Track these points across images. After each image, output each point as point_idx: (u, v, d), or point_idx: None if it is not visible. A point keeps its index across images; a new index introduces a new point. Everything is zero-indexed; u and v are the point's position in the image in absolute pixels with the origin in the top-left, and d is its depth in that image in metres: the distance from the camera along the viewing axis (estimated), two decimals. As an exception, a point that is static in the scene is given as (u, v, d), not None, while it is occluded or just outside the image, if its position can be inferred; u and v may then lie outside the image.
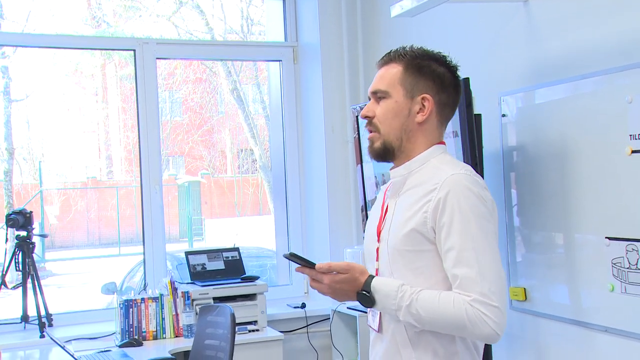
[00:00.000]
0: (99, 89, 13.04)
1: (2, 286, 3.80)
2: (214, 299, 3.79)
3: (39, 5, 8.82)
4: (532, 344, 3.02)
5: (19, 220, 3.84)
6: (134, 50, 4.21)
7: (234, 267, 4.07)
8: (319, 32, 4.31)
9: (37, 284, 3.81)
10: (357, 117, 3.71)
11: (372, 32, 4.25)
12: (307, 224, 4.54)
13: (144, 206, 4.19)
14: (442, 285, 1.79)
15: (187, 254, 4.10)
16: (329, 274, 1.83)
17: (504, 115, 3.08)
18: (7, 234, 4.20)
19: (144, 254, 4.22)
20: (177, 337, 3.79)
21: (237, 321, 3.39)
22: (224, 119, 13.20)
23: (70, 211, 12.81)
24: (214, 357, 3.29)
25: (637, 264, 2.45)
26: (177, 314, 3.81)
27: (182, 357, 3.62)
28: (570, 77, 2.74)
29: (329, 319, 4.12)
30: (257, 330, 3.84)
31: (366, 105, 1.94)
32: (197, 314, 3.69)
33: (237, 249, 4.15)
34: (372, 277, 1.82)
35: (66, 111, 12.72)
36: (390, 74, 1.90)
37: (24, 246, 3.84)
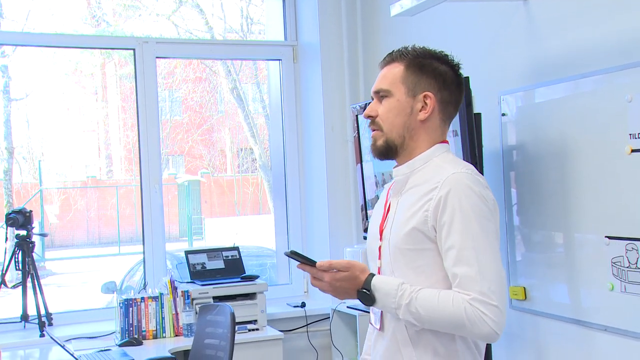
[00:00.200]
0: (99, 88, 13.04)
1: (2, 285, 3.80)
2: (214, 298, 3.79)
3: (38, 4, 8.81)
4: (531, 343, 3.02)
5: (19, 219, 3.84)
6: (134, 49, 4.20)
7: (233, 266, 4.07)
8: (318, 31, 4.31)
9: (36, 283, 3.80)
10: (356, 116, 3.70)
11: (372, 31, 4.24)
12: (307, 223, 4.54)
13: (144, 205, 4.19)
14: (442, 283, 1.79)
15: (187, 253, 4.10)
16: (329, 271, 1.84)
17: (503, 114, 3.08)
18: (6, 233, 4.20)
19: (144, 253, 4.22)
20: (177, 336, 3.80)
21: (237, 320, 3.39)
22: (223, 118, 13.18)
23: (70, 210, 12.81)
24: (214, 356, 3.28)
25: (636, 263, 2.45)
26: (177, 313, 3.81)
27: (182, 357, 3.62)
28: (570, 76, 2.73)
29: (329, 318, 4.12)
30: (257, 329, 3.84)
31: (369, 105, 1.94)
32: (197, 313, 3.69)
33: (236, 248, 4.15)
34: (372, 276, 1.83)
35: (66, 110, 12.73)
36: (392, 73, 1.90)
37: (24, 245, 3.84)
